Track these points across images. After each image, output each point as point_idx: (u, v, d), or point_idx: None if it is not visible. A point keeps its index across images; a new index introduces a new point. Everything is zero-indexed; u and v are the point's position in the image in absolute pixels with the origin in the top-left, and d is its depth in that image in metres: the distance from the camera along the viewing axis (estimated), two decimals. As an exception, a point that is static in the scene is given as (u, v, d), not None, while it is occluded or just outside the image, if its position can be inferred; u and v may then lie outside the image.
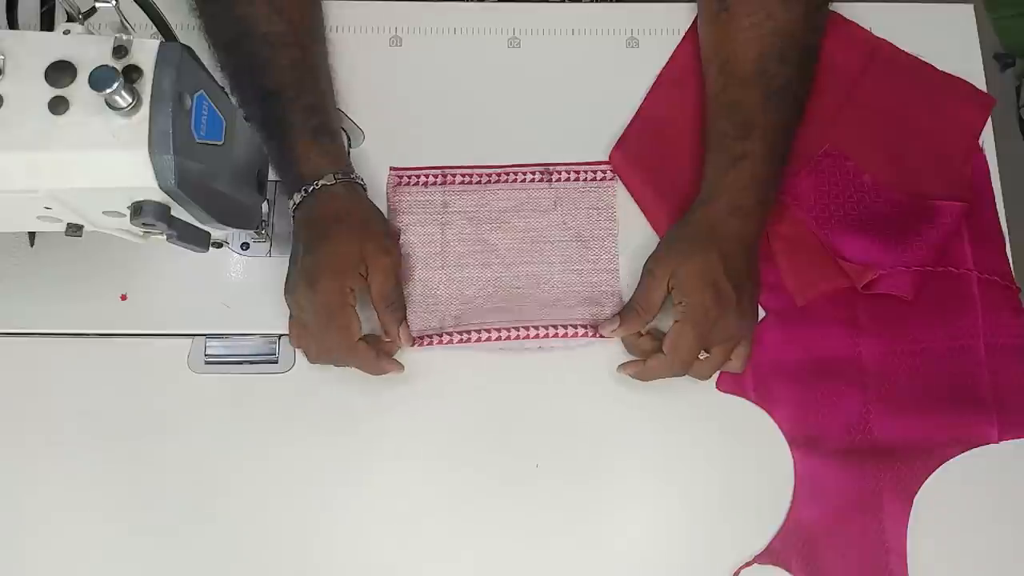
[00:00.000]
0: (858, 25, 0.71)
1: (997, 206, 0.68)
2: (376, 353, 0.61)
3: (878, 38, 0.71)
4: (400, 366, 0.62)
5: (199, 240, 0.50)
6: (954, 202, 0.65)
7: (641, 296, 0.62)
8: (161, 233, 0.46)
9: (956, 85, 0.70)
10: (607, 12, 0.72)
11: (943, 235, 0.65)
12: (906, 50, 0.71)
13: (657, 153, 0.68)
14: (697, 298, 0.59)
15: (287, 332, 0.62)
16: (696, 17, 0.70)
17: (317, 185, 0.60)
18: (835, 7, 0.71)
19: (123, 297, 0.62)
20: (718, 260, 0.59)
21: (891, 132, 0.69)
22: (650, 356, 0.61)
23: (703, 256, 0.60)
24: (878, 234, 0.64)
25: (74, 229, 0.48)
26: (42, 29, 0.64)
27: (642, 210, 0.67)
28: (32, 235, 0.63)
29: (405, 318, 0.62)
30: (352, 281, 0.59)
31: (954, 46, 0.71)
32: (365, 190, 0.63)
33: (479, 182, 0.67)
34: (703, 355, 0.60)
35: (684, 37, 0.71)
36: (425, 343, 0.63)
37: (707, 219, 0.62)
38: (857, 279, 0.64)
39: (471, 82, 0.70)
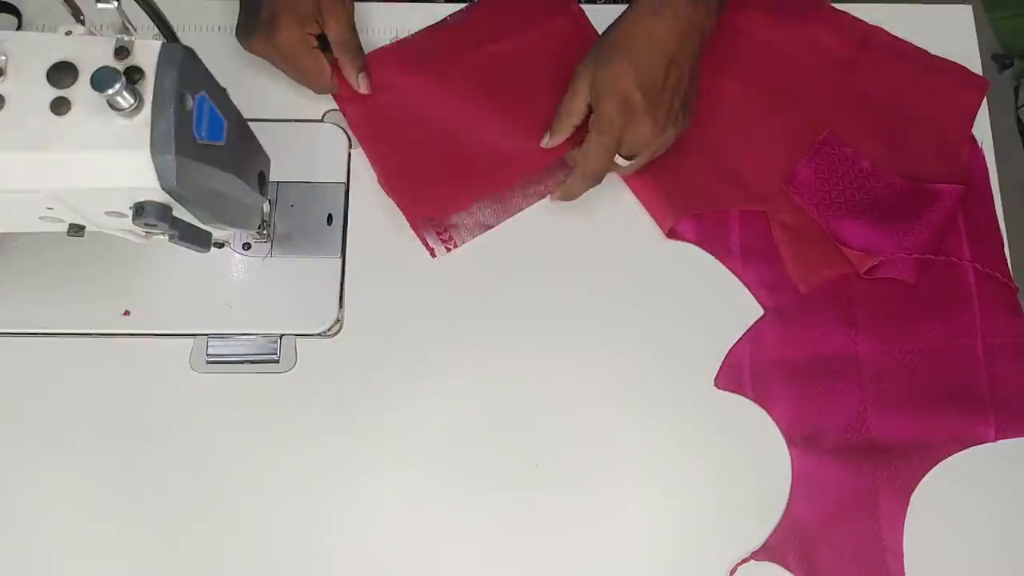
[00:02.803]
0: (850, 14, 0.72)
1: (995, 206, 0.68)
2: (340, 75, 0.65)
3: (871, 25, 0.72)
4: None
5: (201, 240, 0.50)
6: (952, 185, 0.66)
7: (566, 101, 0.63)
8: (163, 233, 0.46)
9: (950, 69, 0.71)
10: (607, 12, 0.72)
11: (943, 218, 0.65)
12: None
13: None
14: (603, 106, 0.60)
15: (288, 332, 0.63)
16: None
17: None
18: (835, 8, 0.72)
19: (126, 313, 0.62)
20: (628, 66, 0.59)
21: (887, 118, 0.69)
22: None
23: (614, 64, 0.60)
24: (879, 219, 0.65)
25: (76, 229, 0.49)
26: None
27: (644, 206, 0.67)
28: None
29: (364, 67, 0.66)
30: (311, 28, 0.62)
31: (953, 46, 0.72)
32: None
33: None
34: (624, 162, 0.63)
35: None
36: (452, 243, 0.66)
37: (628, 23, 0.62)
38: (859, 265, 0.64)
39: (471, 83, 0.70)
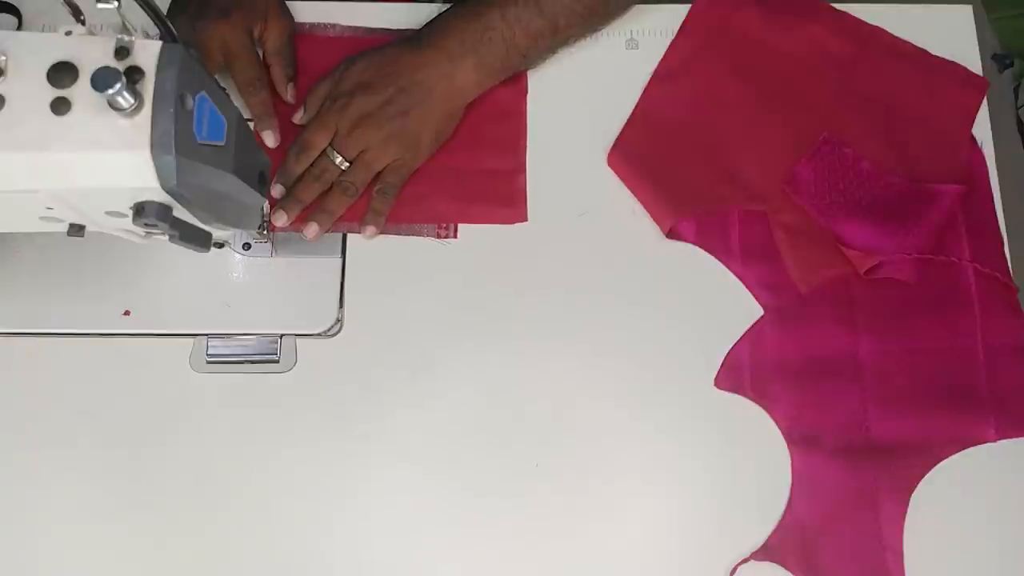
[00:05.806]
0: (850, 14, 0.72)
1: (995, 206, 0.68)
2: (266, 108, 0.65)
3: (871, 25, 0.72)
4: (274, 139, 0.65)
5: (201, 240, 0.50)
6: (952, 185, 0.66)
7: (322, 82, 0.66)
8: (163, 233, 0.47)
9: (950, 69, 0.71)
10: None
11: (943, 218, 0.65)
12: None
13: (655, 150, 0.68)
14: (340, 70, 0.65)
15: (288, 332, 0.63)
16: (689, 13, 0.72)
17: None
18: (835, 8, 0.72)
19: (126, 313, 0.63)
20: (362, 65, 0.64)
21: (887, 118, 0.70)
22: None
23: (359, 60, 0.65)
24: (879, 219, 0.65)
25: (76, 229, 0.49)
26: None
27: (645, 208, 0.67)
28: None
29: (295, 78, 0.67)
30: (256, 28, 0.64)
31: (953, 46, 0.72)
32: None
33: None
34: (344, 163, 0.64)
35: (677, 33, 0.72)
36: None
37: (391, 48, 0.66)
38: (859, 265, 0.64)
39: (471, 83, 0.70)
